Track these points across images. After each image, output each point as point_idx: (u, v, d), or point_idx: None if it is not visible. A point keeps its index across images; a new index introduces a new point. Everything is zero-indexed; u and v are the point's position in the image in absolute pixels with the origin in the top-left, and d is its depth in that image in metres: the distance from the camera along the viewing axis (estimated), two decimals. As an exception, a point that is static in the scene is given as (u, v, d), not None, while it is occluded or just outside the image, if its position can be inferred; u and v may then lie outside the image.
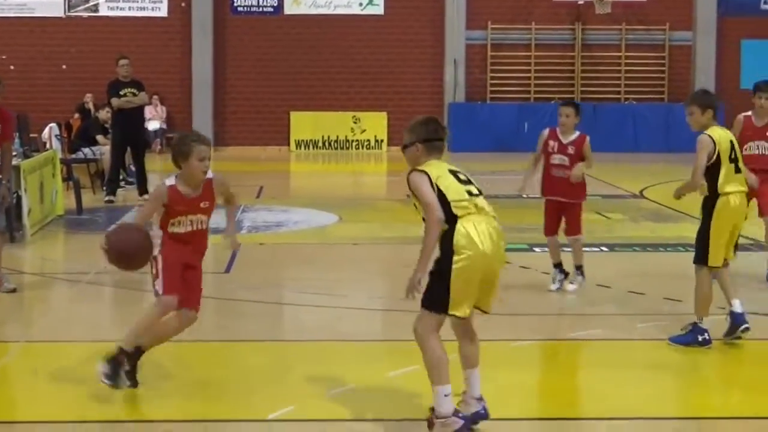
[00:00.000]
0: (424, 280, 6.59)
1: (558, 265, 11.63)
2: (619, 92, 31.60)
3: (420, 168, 6.79)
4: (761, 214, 12.02)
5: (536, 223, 15.71)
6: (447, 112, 30.74)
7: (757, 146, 11.80)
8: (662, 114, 30.67)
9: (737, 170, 9.21)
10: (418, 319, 6.67)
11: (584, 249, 14.34)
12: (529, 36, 31.26)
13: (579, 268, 11.62)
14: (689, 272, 10.37)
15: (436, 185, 6.65)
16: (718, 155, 9.05)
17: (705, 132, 9.13)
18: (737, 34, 31.57)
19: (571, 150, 11.30)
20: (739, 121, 11.93)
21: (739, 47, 31.68)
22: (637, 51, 31.61)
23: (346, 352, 9.28)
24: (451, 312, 6.58)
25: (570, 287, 11.55)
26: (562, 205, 11.50)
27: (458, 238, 6.54)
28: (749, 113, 11.97)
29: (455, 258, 6.51)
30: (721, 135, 9.14)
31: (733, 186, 9.18)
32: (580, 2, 30.54)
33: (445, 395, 6.54)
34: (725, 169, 9.09)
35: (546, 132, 11.53)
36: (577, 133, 11.39)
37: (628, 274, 12.99)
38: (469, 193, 6.75)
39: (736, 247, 9.60)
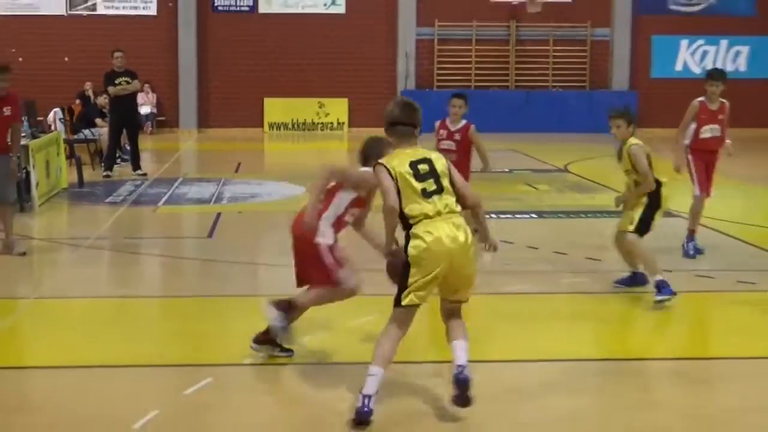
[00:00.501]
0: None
1: None
2: (547, 81, 31.68)
3: (382, 161, 6.26)
4: (701, 191, 11.63)
5: (494, 194, 15.77)
6: (400, 98, 30.69)
7: (710, 129, 11.52)
8: (584, 99, 30.80)
9: None
10: None
11: (516, 216, 14.54)
12: (470, 32, 31.22)
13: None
14: (606, 235, 10.54)
15: (395, 175, 6.14)
16: (648, 156, 9.37)
17: (634, 143, 9.46)
18: (649, 30, 31.63)
19: (457, 136, 11.17)
20: (694, 106, 11.55)
21: (650, 42, 31.77)
22: (563, 45, 31.65)
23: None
24: (403, 304, 6.12)
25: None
26: None
27: (410, 249, 6.08)
28: (703, 99, 11.56)
29: (410, 269, 6.08)
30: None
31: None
32: (515, 3, 30.53)
33: (369, 375, 6.08)
34: (654, 164, 9.44)
35: (437, 123, 11.37)
36: (464, 121, 11.23)
37: (555, 237, 13.09)
38: (424, 191, 6.13)
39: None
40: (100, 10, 30.66)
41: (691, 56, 31.75)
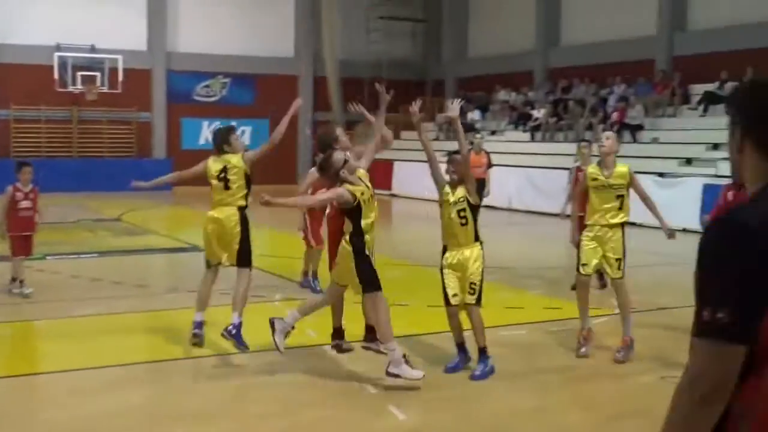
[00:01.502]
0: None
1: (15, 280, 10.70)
2: (103, 151, 30.76)
3: None
4: (318, 243, 10.67)
5: (64, 239, 15.12)
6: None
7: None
8: (133, 165, 30.20)
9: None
10: None
11: (81, 256, 14.03)
12: (41, 113, 29.60)
13: (21, 282, 10.64)
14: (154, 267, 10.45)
15: None
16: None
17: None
18: (179, 114, 31.89)
19: (31, 196, 10.74)
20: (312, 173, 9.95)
21: (180, 122, 32.12)
22: (115, 124, 30.93)
23: None
24: None
25: (26, 291, 10.52)
26: (28, 236, 10.77)
27: None
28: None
29: None
30: None
31: None
32: (76, 92, 29.36)
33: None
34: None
35: (10, 187, 10.68)
36: (32, 185, 10.80)
37: (113, 270, 12.56)
38: None
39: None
40: None
41: (211, 133, 32.52)
